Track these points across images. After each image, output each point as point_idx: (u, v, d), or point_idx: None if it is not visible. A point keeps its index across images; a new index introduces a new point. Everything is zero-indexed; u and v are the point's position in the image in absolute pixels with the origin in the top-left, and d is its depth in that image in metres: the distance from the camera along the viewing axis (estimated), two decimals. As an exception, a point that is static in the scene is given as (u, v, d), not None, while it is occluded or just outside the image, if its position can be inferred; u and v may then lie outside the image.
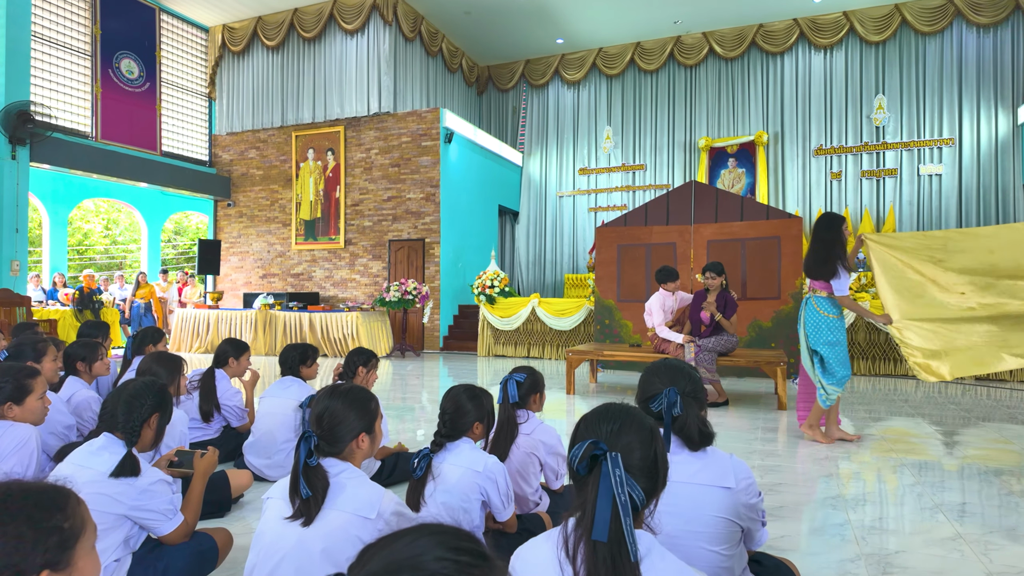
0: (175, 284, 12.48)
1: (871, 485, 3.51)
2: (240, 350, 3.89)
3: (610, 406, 1.32)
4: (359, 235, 12.13)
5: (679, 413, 1.65)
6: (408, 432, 4.81)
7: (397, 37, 12.04)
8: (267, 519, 1.71)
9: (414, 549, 0.74)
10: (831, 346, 4.32)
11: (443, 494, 2.10)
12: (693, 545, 1.61)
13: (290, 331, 10.41)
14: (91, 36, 11.04)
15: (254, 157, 13.12)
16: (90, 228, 18.51)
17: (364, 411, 1.78)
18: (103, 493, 1.81)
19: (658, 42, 13.34)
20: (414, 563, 0.73)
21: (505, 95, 15.17)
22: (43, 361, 3.06)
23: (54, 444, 3.01)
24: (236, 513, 3.03)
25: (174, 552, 2.07)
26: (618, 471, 1.12)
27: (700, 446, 1.67)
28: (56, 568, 0.90)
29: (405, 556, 0.74)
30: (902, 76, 11.67)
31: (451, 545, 0.76)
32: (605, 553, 1.08)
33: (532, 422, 2.62)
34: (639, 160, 13.68)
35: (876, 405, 5.96)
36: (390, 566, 0.73)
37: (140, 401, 2.04)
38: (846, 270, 4.26)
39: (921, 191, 11.49)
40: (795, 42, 12.34)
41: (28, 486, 0.95)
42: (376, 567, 0.74)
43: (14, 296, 8.48)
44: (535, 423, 2.63)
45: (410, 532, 0.78)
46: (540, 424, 2.65)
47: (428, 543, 0.75)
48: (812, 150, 12.25)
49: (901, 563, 2.45)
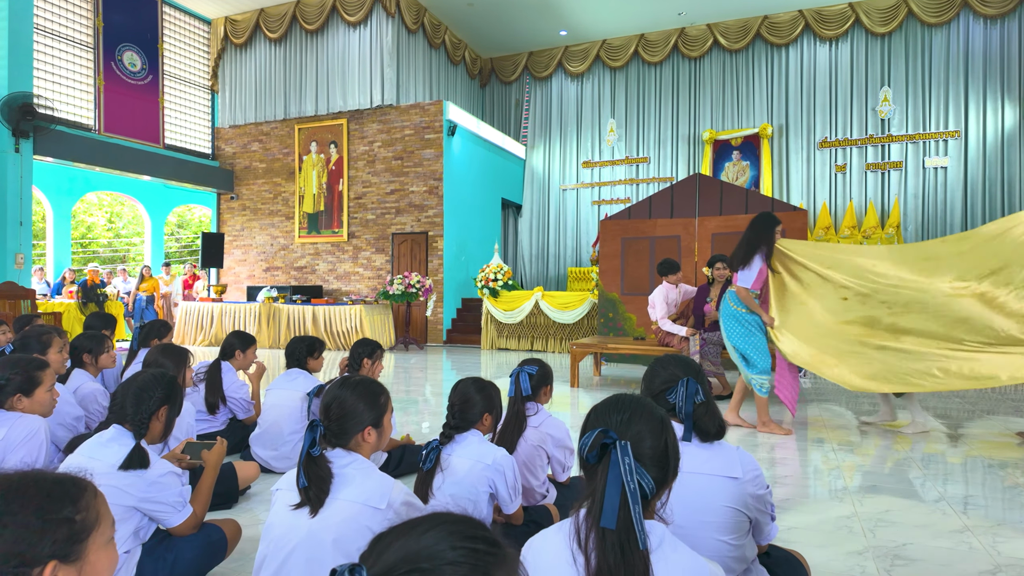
0: (179, 277, 12.49)
1: (877, 478, 3.51)
2: (247, 343, 3.90)
3: (621, 396, 1.32)
4: (362, 228, 12.12)
5: (702, 400, 1.65)
6: (413, 424, 4.82)
7: (400, 29, 11.99)
8: (277, 511, 1.71)
9: (429, 539, 0.75)
10: (745, 338, 4.45)
11: (452, 486, 2.10)
12: (702, 535, 1.61)
13: (294, 324, 10.42)
14: (93, 28, 11.01)
15: (257, 150, 13.10)
16: (93, 221, 18.52)
17: (374, 404, 1.78)
18: (113, 485, 1.82)
19: (662, 34, 13.26)
20: (431, 553, 0.73)
21: (508, 87, 15.11)
22: (49, 352, 3.07)
23: (63, 435, 3.02)
24: (243, 505, 3.05)
25: (183, 543, 2.08)
26: (627, 459, 1.12)
27: (715, 438, 1.67)
28: (66, 560, 0.90)
29: (421, 547, 0.74)
30: (908, 68, 11.60)
31: (466, 534, 0.76)
32: (614, 541, 1.08)
33: (541, 415, 2.61)
34: (643, 153, 13.64)
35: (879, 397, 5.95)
36: (408, 556, 0.73)
37: (149, 393, 2.04)
38: (764, 265, 4.42)
39: (926, 184, 11.43)
40: (800, 34, 12.26)
41: (44, 477, 0.95)
42: (393, 558, 0.74)
43: (19, 289, 8.49)
44: (544, 416, 2.63)
45: (423, 521, 0.78)
46: (549, 417, 2.65)
47: (442, 532, 0.76)
48: (817, 143, 12.19)
49: (909, 555, 2.45)
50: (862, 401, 5.79)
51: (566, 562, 1.15)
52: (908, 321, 4.24)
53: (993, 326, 4.05)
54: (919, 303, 4.24)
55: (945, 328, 4.16)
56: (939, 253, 4.40)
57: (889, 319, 4.29)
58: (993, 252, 4.20)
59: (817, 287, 4.51)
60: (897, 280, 4.34)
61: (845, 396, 6.04)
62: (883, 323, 4.30)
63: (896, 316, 4.28)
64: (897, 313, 4.27)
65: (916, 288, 4.28)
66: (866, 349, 4.27)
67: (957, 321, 4.14)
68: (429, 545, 0.74)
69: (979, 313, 4.10)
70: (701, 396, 1.66)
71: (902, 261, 4.44)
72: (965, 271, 4.23)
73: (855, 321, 4.36)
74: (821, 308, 4.46)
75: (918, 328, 4.22)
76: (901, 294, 4.30)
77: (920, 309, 4.24)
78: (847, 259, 4.54)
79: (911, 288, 4.29)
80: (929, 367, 4.09)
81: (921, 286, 4.27)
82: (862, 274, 4.43)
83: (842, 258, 4.56)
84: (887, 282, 4.35)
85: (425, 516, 0.79)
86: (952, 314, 4.16)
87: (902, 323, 4.26)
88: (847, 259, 4.54)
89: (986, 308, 4.11)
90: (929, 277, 4.30)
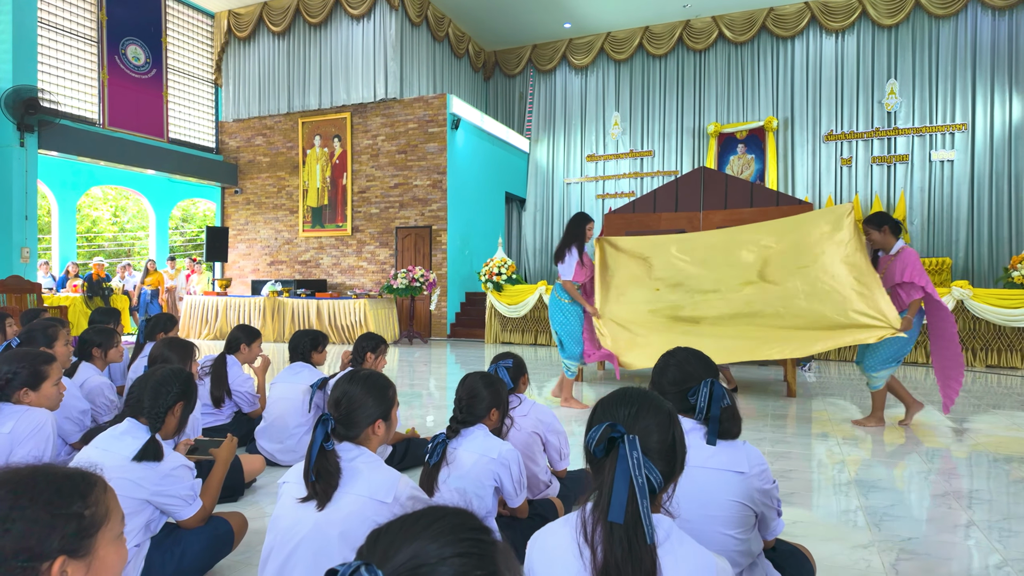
0: (183, 271, 12.53)
1: (882, 472, 3.50)
2: (252, 337, 3.90)
3: (627, 390, 1.32)
4: (366, 222, 12.12)
5: (728, 404, 1.65)
6: (417, 418, 4.83)
7: (403, 22, 11.95)
8: (283, 504, 1.71)
9: (430, 535, 0.75)
10: (563, 327, 5.03)
11: (457, 479, 2.11)
12: (708, 529, 1.61)
13: (298, 318, 10.45)
14: (97, 22, 11.00)
15: (261, 144, 13.10)
16: (98, 215, 18.57)
17: (382, 397, 1.79)
18: (126, 478, 1.83)
19: (667, 26, 13.19)
20: (432, 551, 0.73)
21: (512, 80, 15.06)
22: (55, 345, 3.08)
23: (69, 429, 3.04)
24: (249, 497, 3.06)
25: (191, 536, 2.09)
26: (635, 453, 1.12)
27: (734, 437, 1.68)
28: (75, 555, 0.89)
29: (422, 543, 0.74)
30: (915, 60, 11.51)
31: (468, 525, 0.77)
32: (621, 535, 1.07)
33: (526, 404, 2.68)
34: (647, 146, 13.59)
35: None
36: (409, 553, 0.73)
37: (167, 388, 2.06)
38: (577, 260, 4.96)
39: (933, 177, 11.37)
40: (806, 26, 12.18)
41: (54, 471, 0.95)
42: (395, 556, 0.73)
43: (25, 283, 8.53)
44: (529, 404, 2.69)
45: (422, 516, 0.78)
46: (534, 404, 2.71)
47: (444, 526, 0.76)
48: (822, 136, 12.12)
49: (914, 549, 2.45)
50: (866, 395, 5.78)
51: (572, 555, 1.15)
52: (706, 310, 4.91)
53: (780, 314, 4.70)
54: (715, 293, 4.93)
55: (737, 314, 4.83)
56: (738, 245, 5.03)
57: (690, 311, 4.95)
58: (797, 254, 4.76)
59: (636, 279, 5.11)
60: (701, 272, 5.01)
61: (849, 390, 6.03)
62: (685, 313, 4.95)
63: (696, 306, 4.95)
64: (698, 302, 4.95)
65: (715, 280, 4.95)
66: (670, 335, 4.79)
67: (749, 314, 4.78)
68: (430, 541, 0.74)
69: (769, 304, 4.75)
70: (727, 400, 1.66)
71: (710, 256, 5.08)
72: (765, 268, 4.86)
73: (661, 311, 5.01)
74: (637, 299, 5.07)
75: (713, 315, 4.89)
76: (704, 284, 4.96)
77: (716, 299, 4.92)
78: (664, 252, 5.17)
79: (711, 280, 4.97)
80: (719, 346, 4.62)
81: (719, 278, 4.95)
82: (674, 265, 5.09)
83: (660, 251, 5.19)
84: (695, 271, 5.02)
85: (423, 511, 0.79)
86: (746, 307, 4.81)
87: (701, 312, 4.93)
88: (664, 252, 5.17)
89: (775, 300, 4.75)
90: (731, 269, 4.95)
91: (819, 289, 4.62)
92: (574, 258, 4.96)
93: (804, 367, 7.26)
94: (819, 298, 4.60)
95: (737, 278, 4.87)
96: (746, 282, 4.81)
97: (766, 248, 4.92)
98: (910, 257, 4.21)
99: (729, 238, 5.12)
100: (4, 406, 2.28)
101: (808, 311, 4.60)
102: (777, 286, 4.76)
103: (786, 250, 4.80)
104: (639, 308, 5.01)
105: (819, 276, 4.62)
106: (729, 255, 5.00)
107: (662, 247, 5.20)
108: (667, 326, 4.89)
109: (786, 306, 4.69)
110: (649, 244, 5.27)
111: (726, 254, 5.01)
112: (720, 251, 5.04)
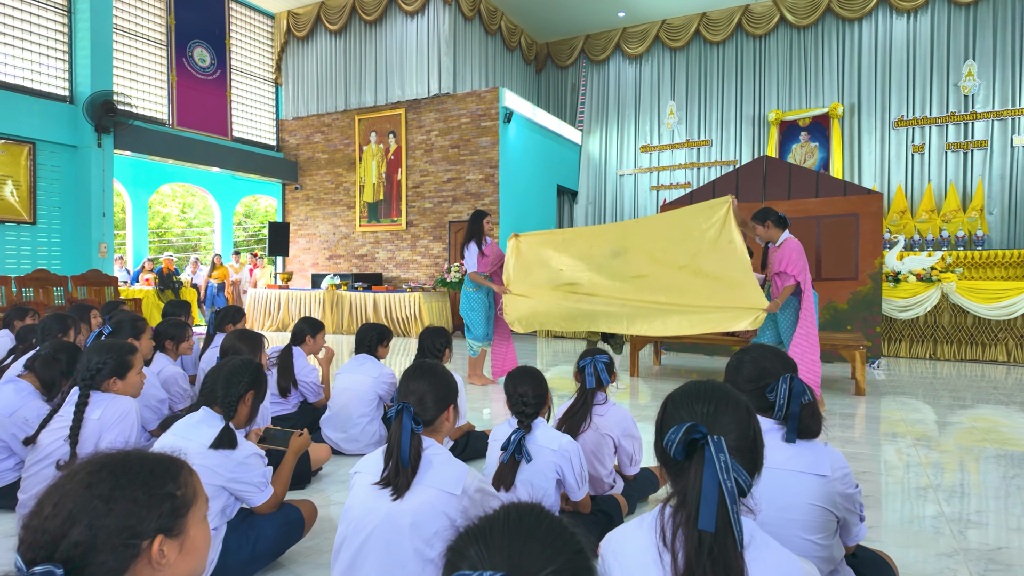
0: (247, 266, 13.01)
1: (961, 476, 3.31)
2: (316, 329, 4.01)
3: (699, 384, 1.27)
4: (420, 217, 12.28)
5: (808, 400, 1.59)
6: (474, 412, 4.87)
7: (456, 17, 12.00)
8: (355, 493, 1.75)
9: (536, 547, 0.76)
10: (469, 312, 5.82)
11: (523, 472, 2.11)
12: (788, 533, 1.55)
13: (356, 311, 10.69)
14: (166, 26, 11.49)
15: (319, 141, 13.43)
16: (168, 212, 19.47)
17: (451, 386, 1.84)
18: (203, 465, 1.90)
19: (725, 12, 12.79)
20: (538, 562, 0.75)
21: (564, 72, 14.93)
22: (142, 339, 3.24)
23: (148, 417, 3.20)
24: (315, 485, 3.15)
25: (264, 522, 2.16)
26: (723, 456, 1.07)
27: (814, 436, 1.61)
28: (170, 534, 0.94)
29: (530, 562, 0.75)
30: (996, 39, 10.79)
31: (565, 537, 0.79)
32: (711, 543, 1.03)
33: (608, 404, 2.60)
34: (704, 136, 13.25)
35: (962, 392, 5.63)
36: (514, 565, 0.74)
37: (238, 378, 2.13)
38: (477, 253, 5.67)
39: (1014, 164, 10.65)
40: (875, 6, 11.59)
41: (145, 455, 0.99)
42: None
43: (103, 276, 9.03)
44: (610, 405, 2.62)
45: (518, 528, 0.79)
46: (614, 405, 2.64)
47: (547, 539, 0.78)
48: (892, 122, 11.53)
49: (1004, 560, 2.30)
50: (941, 394, 5.49)
51: (652, 560, 1.12)
52: (601, 290, 5.38)
53: (669, 298, 5.08)
54: (611, 279, 5.37)
55: (628, 296, 5.28)
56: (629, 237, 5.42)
57: (587, 289, 5.42)
58: (683, 244, 5.05)
59: (542, 263, 5.61)
60: (601, 262, 5.41)
61: (921, 388, 5.74)
62: (582, 290, 5.44)
63: (593, 286, 5.41)
64: (595, 283, 5.40)
65: (611, 270, 5.37)
66: (565, 302, 5.40)
67: (639, 294, 5.23)
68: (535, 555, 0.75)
69: (659, 291, 5.13)
70: (808, 396, 1.59)
71: (607, 248, 5.43)
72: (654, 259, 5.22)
73: (561, 288, 5.51)
74: (541, 279, 5.58)
75: (605, 295, 5.36)
76: (602, 271, 5.39)
77: (611, 283, 5.38)
78: (570, 244, 5.59)
79: (608, 270, 5.38)
80: (609, 313, 5.18)
81: (614, 267, 5.36)
82: (578, 253, 5.51)
83: (568, 244, 5.61)
84: (597, 260, 5.43)
85: (514, 520, 0.80)
86: (636, 293, 5.23)
87: (596, 291, 5.39)
88: (570, 244, 5.59)
89: (662, 287, 5.14)
90: (623, 260, 5.34)
91: (701, 277, 4.97)
92: (473, 252, 5.71)
93: (874, 364, 6.95)
94: (699, 286, 4.97)
95: (631, 270, 5.31)
96: (637, 275, 5.26)
97: (654, 241, 5.30)
98: (789, 248, 4.68)
99: (625, 231, 5.61)
100: (94, 394, 2.41)
101: (692, 295, 4.99)
102: (665, 274, 5.15)
103: (673, 242, 5.17)
104: (541, 285, 5.59)
105: (701, 266, 4.97)
106: (623, 247, 5.43)
107: (570, 241, 5.70)
108: (564, 296, 5.47)
109: (673, 292, 5.10)
110: (560, 237, 5.82)
111: (621, 245, 5.44)
112: (616, 243, 5.46)
